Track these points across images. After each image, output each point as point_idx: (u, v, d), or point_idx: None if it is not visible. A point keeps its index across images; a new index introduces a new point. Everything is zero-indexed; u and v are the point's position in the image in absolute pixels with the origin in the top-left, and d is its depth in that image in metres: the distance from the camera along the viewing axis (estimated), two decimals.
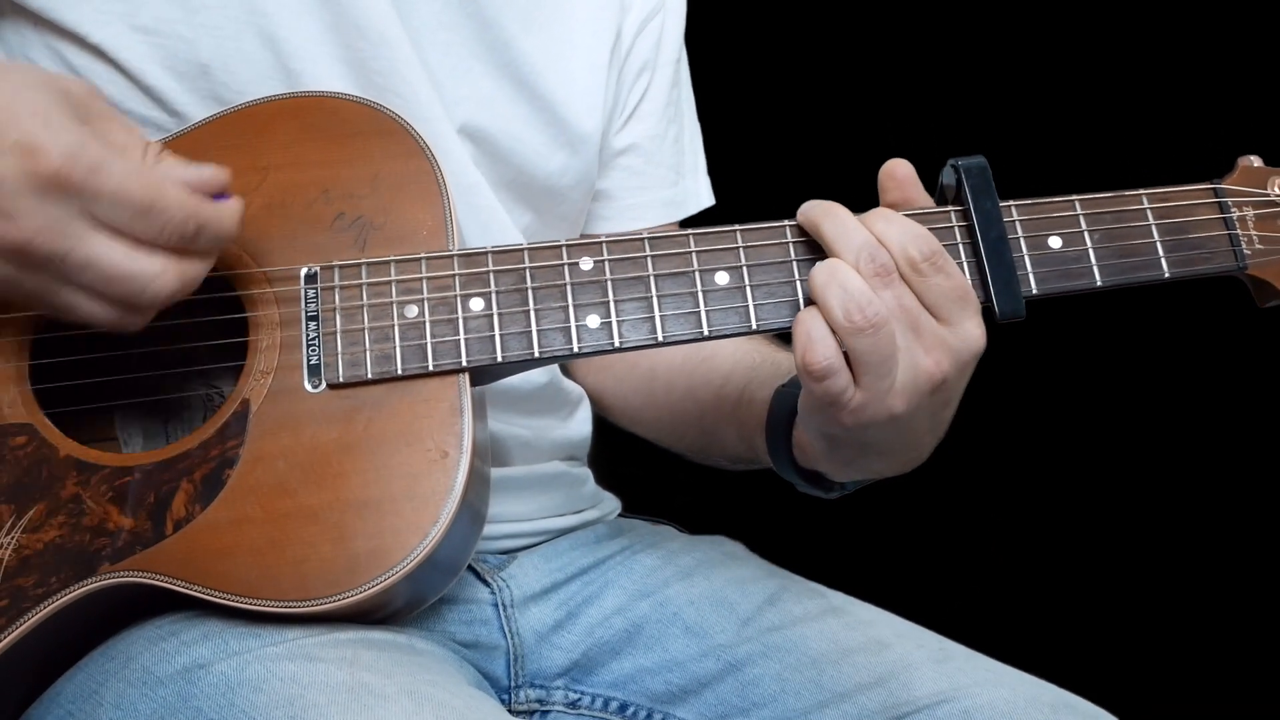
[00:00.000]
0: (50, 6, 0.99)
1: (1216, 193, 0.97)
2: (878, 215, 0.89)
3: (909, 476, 0.98)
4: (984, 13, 1.95)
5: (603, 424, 1.28)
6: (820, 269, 0.87)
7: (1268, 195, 0.98)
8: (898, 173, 0.93)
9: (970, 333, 0.88)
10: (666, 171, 1.25)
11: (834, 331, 0.84)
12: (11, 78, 0.81)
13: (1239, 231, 0.97)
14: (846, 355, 0.85)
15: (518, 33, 1.12)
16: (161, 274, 0.81)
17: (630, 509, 1.26)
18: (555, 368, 1.16)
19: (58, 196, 0.78)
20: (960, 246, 0.93)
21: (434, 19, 1.08)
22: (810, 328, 0.85)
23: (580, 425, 1.20)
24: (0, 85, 0.80)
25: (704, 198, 1.29)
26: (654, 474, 1.23)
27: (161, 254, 0.81)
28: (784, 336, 0.90)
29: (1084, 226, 0.95)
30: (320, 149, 0.94)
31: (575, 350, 0.91)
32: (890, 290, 0.85)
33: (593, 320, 0.91)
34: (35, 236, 0.78)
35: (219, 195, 0.85)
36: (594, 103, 1.16)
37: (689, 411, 1.18)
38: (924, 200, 0.94)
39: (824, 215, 0.89)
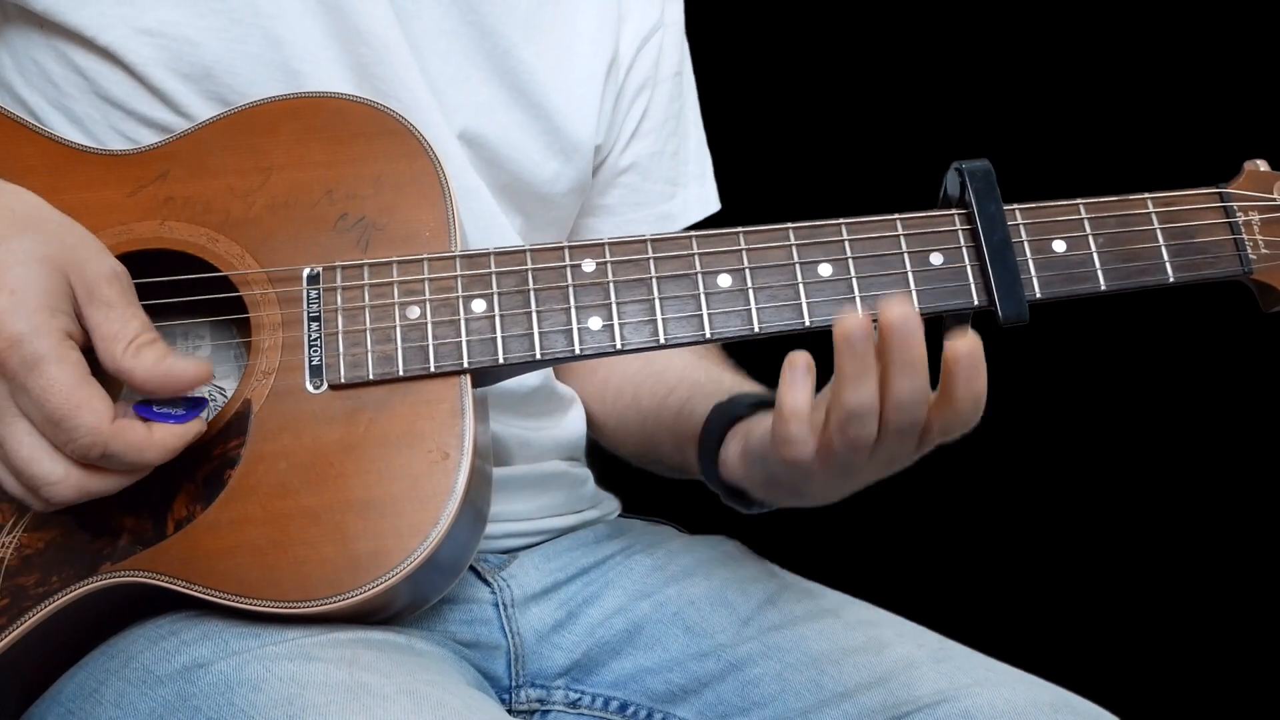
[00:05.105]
0: (55, 9, 0.99)
1: (1222, 197, 0.97)
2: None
3: (909, 477, 0.98)
4: (988, 16, 1.94)
5: None
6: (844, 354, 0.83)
7: (1274, 200, 0.98)
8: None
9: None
10: (663, 186, 1.26)
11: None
12: (15, 247, 0.81)
13: (1244, 236, 0.96)
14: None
15: (517, 41, 1.12)
16: (60, 482, 0.80)
17: (630, 509, 1.27)
18: (548, 369, 1.16)
19: None
20: (964, 250, 0.93)
21: (434, 26, 1.08)
22: (793, 431, 0.84)
23: (574, 424, 1.21)
24: (3, 251, 0.81)
25: (709, 204, 1.30)
26: (654, 474, 1.23)
27: (66, 462, 0.80)
28: (775, 341, 0.90)
29: (1088, 230, 0.95)
30: (324, 149, 0.94)
31: (577, 352, 0.91)
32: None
33: (595, 322, 0.91)
34: None
35: (191, 409, 0.84)
36: (589, 113, 1.16)
37: (632, 419, 1.21)
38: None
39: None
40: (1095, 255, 0.95)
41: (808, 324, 0.92)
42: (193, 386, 0.83)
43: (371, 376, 0.89)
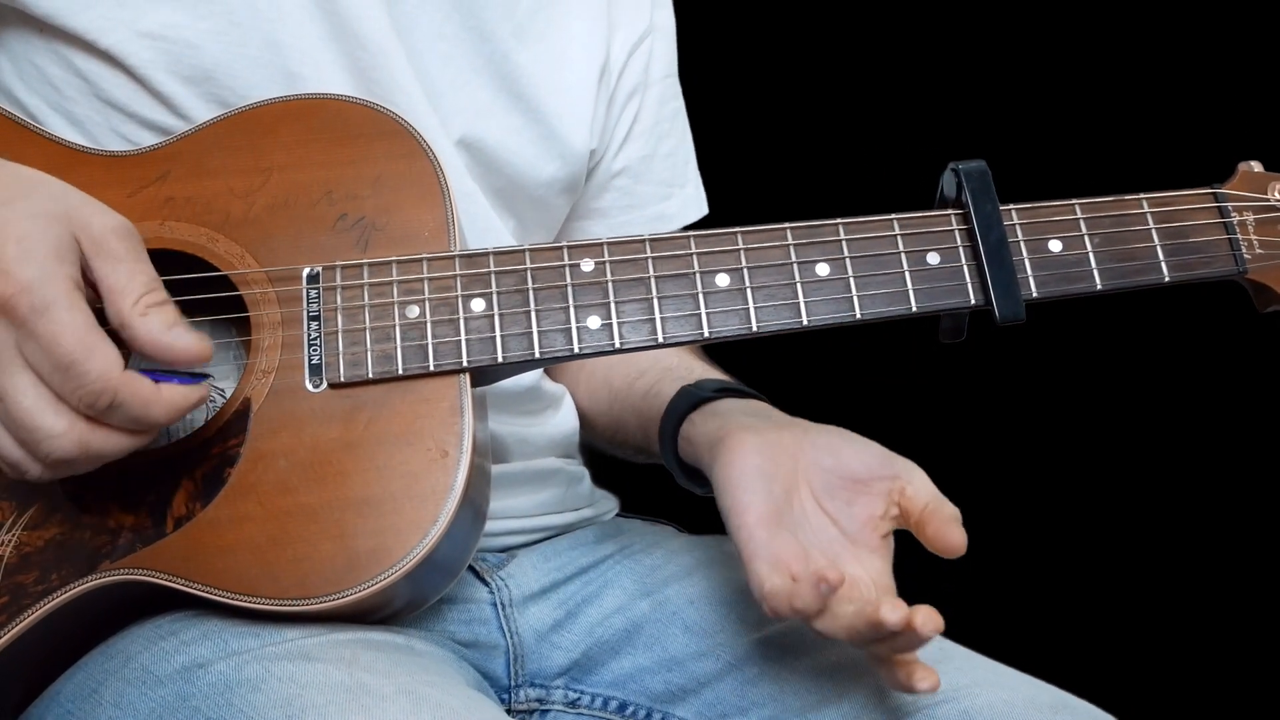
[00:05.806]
0: (56, 13, 0.99)
1: (1216, 197, 0.98)
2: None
3: None
4: (984, 16, 1.94)
5: None
6: None
7: (1268, 200, 0.98)
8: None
9: None
10: (658, 187, 1.27)
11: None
12: (22, 206, 0.81)
13: (1239, 236, 0.97)
14: None
15: (514, 45, 1.13)
16: (63, 435, 0.78)
17: (630, 509, 1.27)
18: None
19: (3, 322, 0.78)
20: (961, 249, 0.94)
21: (433, 30, 1.09)
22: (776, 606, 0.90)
23: (567, 420, 1.21)
24: (9, 210, 0.80)
25: (700, 206, 1.30)
26: (654, 474, 1.23)
27: (70, 415, 0.78)
28: (772, 341, 0.91)
29: (1084, 230, 0.95)
30: (324, 150, 0.95)
31: (576, 351, 0.91)
32: None
33: (593, 321, 0.92)
34: None
35: (191, 377, 0.83)
36: (585, 117, 1.17)
37: (602, 399, 1.22)
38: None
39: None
40: (1091, 255, 0.95)
41: (805, 323, 0.92)
42: (188, 362, 0.81)
43: (371, 375, 0.90)
